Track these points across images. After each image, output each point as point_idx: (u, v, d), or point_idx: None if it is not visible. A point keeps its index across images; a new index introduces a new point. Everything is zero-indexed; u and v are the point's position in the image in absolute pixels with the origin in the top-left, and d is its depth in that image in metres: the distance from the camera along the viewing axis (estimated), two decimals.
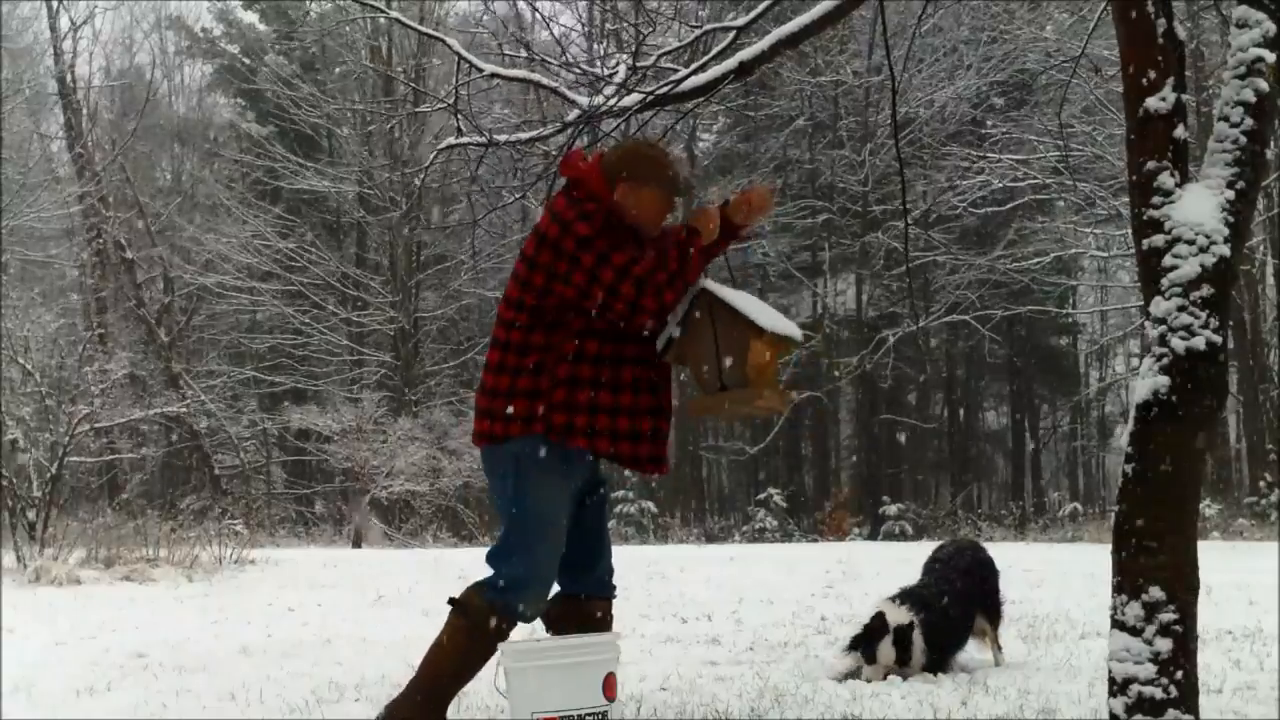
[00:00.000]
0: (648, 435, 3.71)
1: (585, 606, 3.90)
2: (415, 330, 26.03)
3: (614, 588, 3.98)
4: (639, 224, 3.74)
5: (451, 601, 3.75)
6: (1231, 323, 4.07)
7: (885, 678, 4.87)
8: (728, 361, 3.72)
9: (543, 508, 3.67)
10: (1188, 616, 3.11)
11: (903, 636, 4.90)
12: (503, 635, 3.72)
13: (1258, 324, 20.78)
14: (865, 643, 4.96)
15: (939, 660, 5.04)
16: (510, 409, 3.65)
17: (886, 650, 4.88)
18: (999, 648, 5.40)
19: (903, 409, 27.63)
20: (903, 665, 4.91)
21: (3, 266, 20.94)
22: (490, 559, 3.75)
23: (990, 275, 23.11)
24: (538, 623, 3.97)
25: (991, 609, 5.39)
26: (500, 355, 3.70)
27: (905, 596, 5.12)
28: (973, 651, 5.49)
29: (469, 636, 3.69)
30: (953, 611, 5.16)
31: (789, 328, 3.81)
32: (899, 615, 4.94)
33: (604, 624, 3.92)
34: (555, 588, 3.93)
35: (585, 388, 3.63)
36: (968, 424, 29.84)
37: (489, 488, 3.85)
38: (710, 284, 3.76)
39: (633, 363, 3.69)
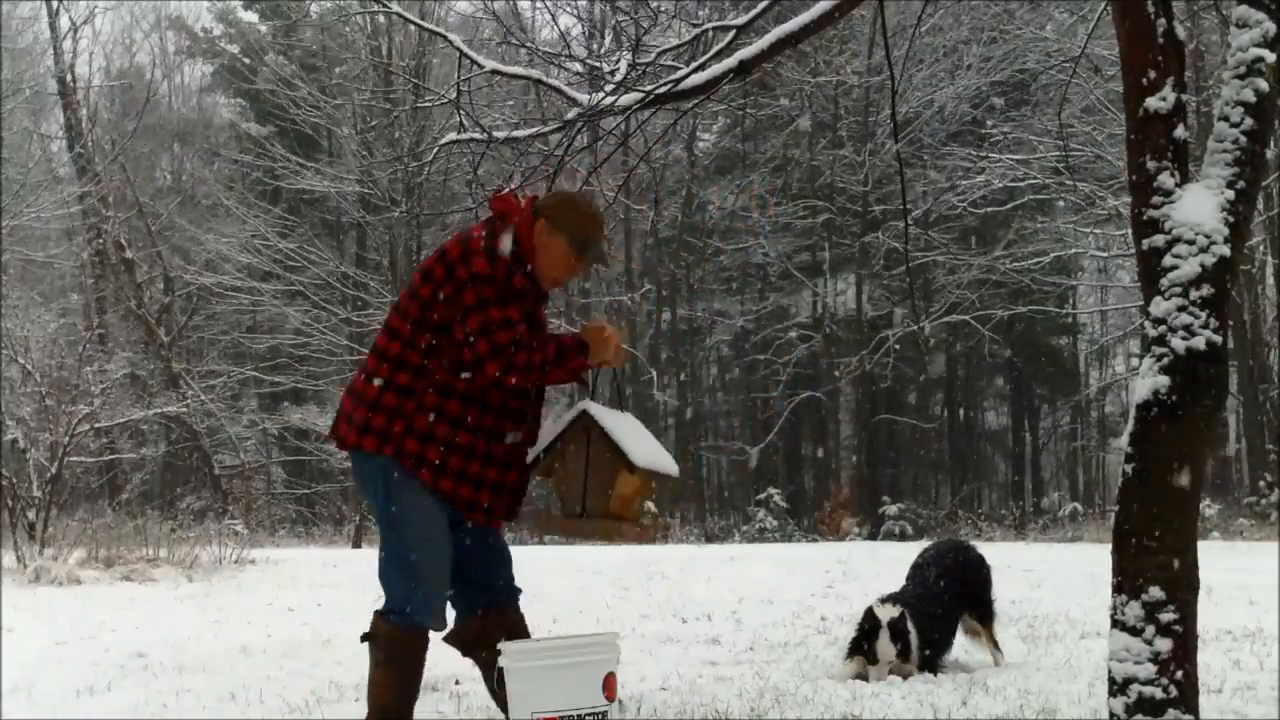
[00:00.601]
0: (489, 484, 3.69)
1: (497, 619, 3.87)
2: None
3: (519, 591, 3.96)
4: (539, 268, 3.72)
5: (364, 637, 3.75)
6: (1231, 323, 4.07)
7: (890, 674, 4.87)
8: (593, 489, 3.73)
9: (417, 523, 3.66)
10: (1188, 616, 3.11)
11: (898, 629, 4.89)
12: (424, 646, 3.71)
13: (1258, 324, 20.78)
14: (864, 643, 4.95)
15: (929, 658, 5.03)
16: (369, 421, 3.64)
17: (886, 646, 4.87)
18: (997, 647, 5.37)
19: (903, 409, 27.65)
20: (903, 660, 4.89)
21: (3, 266, 20.93)
22: (380, 579, 3.74)
23: (990, 275, 23.13)
24: (536, 623, 3.97)
25: (982, 608, 5.34)
26: (376, 363, 3.68)
27: (888, 600, 5.11)
28: (971, 651, 5.48)
29: (392, 661, 3.68)
30: (934, 610, 5.13)
31: (665, 464, 3.83)
32: (888, 612, 4.94)
33: (519, 629, 3.90)
34: (460, 607, 3.91)
35: (446, 423, 3.61)
36: (968, 424, 29.85)
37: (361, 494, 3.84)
38: (593, 407, 3.74)
39: (497, 411, 3.66)
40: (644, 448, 3.26)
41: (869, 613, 4.98)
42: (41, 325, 16.22)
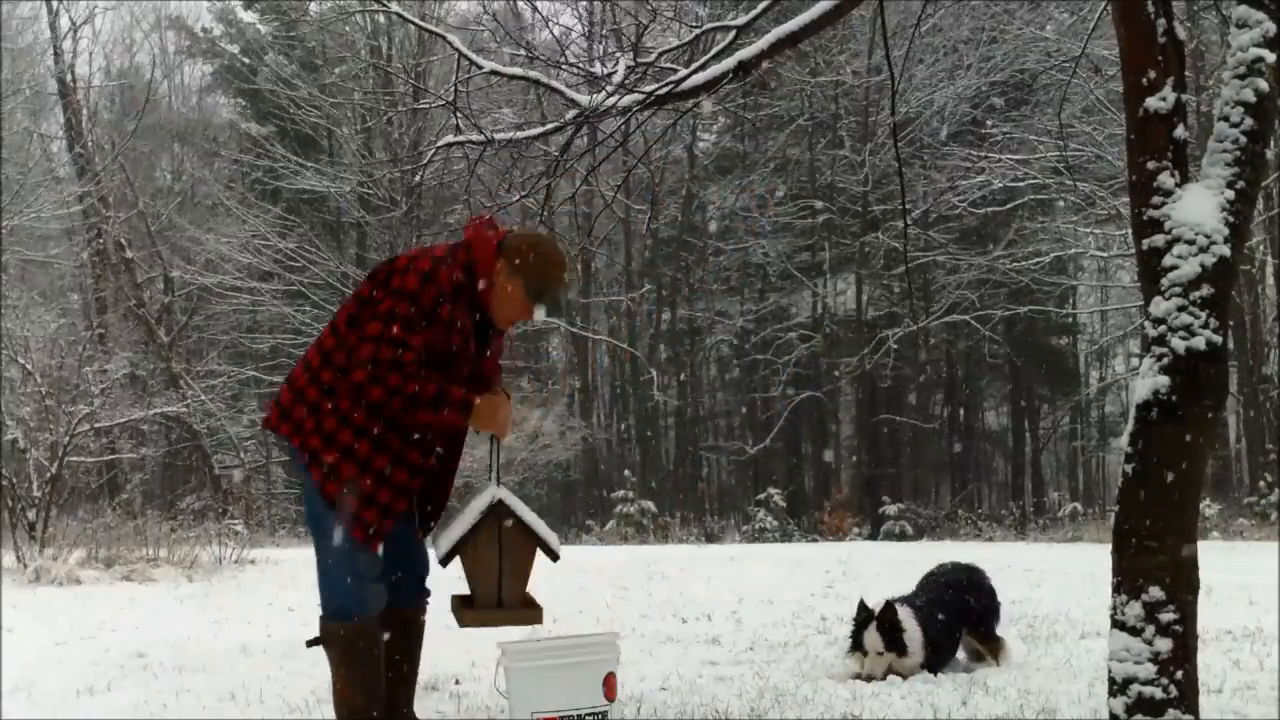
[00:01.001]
0: (379, 506, 3.60)
1: (398, 616, 3.83)
2: None
3: (428, 593, 3.94)
4: (493, 306, 3.68)
5: (313, 643, 3.72)
6: (1231, 323, 4.07)
7: (887, 669, 4.87)
8: (508, 576, 3.69)
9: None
10: (1188, 616, 3.11)
11: (886, 620, 4.90)
12: (378, 637, 3.69)
13: (1258, 324, 20.78)
14: (854, 635, 4.99)
15: (932, 659, 5.03)
16: (291, 410, 3.62)
17: (873, 637, 4.90)
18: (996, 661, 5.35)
19: (903, 409, 27.65)
20: (898, 654, 4.89)
21: (3, 266, 20.92)
22: (318, 576, 3.71)
23: (990, 275, 23.14)
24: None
25: (984, 629, 5.32)
26: (313, 353, 3.67)
27: (895, 601, 5.13)
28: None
29: (352, 661, 3.65)
30: (939, 615, 5.14)
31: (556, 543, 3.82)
32: (879, 605, 4.96)
33: (417, 632, 3.89)
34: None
35: (350, 429, 3.56)
36: (968, 424, 29.85)
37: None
38: (506, 495, 3.68)
39: (404, 433, 3.58)
40: (548, 531, 3.24)
41: (860, 605, 5.03)
42: (41, 325, 16.20)
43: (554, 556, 3.72)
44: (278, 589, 9.62)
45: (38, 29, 25.55)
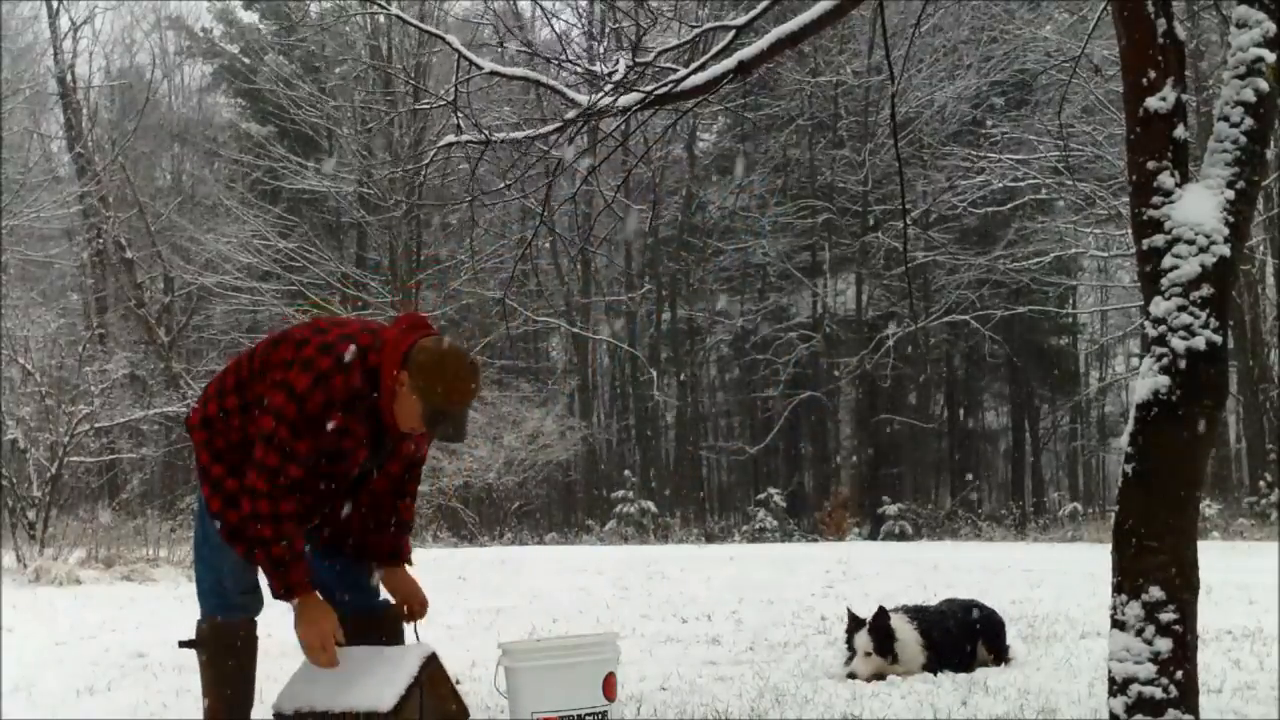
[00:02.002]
0: (240, 535, 3.57)
1: (380, 617, 3.86)
2: None
3: (385, 603, 3.93)
4: (395, 415, 3.48)
5: (185, 644, 3.72)
6: (1231, 323, 4.06)
7: (875, 672, 4.88)
8: None
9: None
10: (1188, 616, 3.11)
11: (877, 626, 4.93)
12: (252, 640, 3.74)
13: (1258, 324, 20.78)
14: (846, 641, 5.04)
15: (936, 661, 5.04)
16: (200, 413, 3.63)
17: (863, 638, 4.93)
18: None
19: (903, 409, 27.65)
20: (890, 660, 4.90)
21: (3, 266, 20.92)
22: (196, 579, 3.74)
23: (990, 275, 23.13)
24: (536, 623, 3.96)
25: (995, 646, 5.33)
26: (230, 371, 3.65)
27: (902, 609, 5.18)
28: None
29: (220, 660, 3.68)
30: (952, 627, 5.17)
31: None
32: (872, 613, 5.01)
33: (400, 630, 3.89)
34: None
35: (222, 461, 3.55)
36: (968, 424, 29.84)
37: None
38: (434, 650, 3.59)
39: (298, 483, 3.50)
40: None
41: (849, 613, 5.10)
42: (41, 325, 16.21)
43: (465, 715, 3.71)
44: None
45: (38, 29, 25.59)
